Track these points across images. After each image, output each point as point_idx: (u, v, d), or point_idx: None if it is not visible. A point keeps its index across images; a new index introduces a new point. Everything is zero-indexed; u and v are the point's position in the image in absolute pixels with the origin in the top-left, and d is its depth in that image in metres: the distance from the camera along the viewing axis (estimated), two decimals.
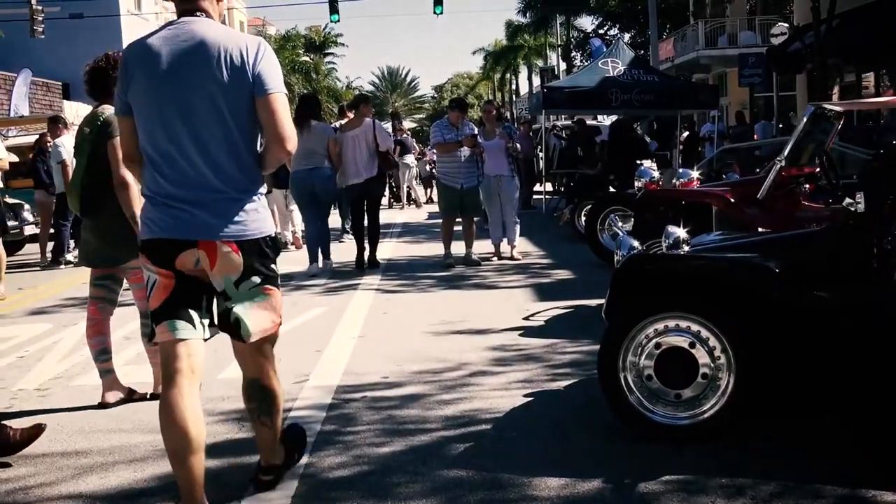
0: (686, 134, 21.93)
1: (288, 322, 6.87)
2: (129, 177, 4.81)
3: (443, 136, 10.87)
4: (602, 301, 8.07)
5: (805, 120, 7.03)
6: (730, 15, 34.83)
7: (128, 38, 38.92)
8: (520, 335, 6.86)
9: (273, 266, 3.53)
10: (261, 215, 3.48)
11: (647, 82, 18.16)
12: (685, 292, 4.30)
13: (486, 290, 9.19)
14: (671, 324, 4.24)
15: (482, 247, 11.47)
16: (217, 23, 3.50)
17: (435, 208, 11.62)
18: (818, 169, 6.98)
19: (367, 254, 10.97)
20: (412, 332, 7.11)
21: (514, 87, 72.80)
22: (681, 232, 4.93)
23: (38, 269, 12.45)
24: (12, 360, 6.58)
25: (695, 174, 8.46)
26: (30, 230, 13.95)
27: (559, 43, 52.49)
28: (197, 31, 3.39)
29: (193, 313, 3.40)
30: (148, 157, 3.43)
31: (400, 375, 5.73)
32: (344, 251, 11.98)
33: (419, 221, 17.98)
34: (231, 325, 3.46)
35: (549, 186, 20.73)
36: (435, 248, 11.94)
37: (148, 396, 5.39)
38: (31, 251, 13.82)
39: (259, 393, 3.66)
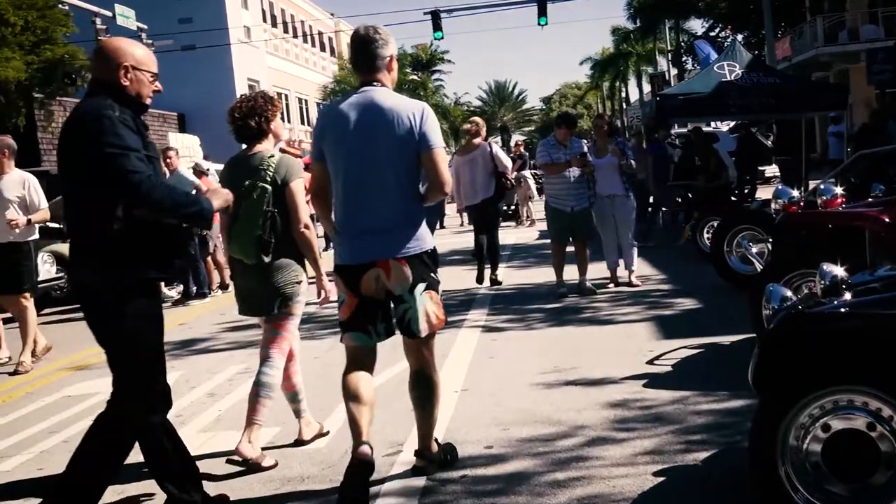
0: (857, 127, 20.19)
1: (387, 370, 6.36)
2: (308, 221, 5.04)
3: (550, 155, 10.06)
4: (735, 337, 7.26)
5: None
6: (849, 9, 32.96)
7: (239, 66, 39.49)
8: (644, 385, 6.01)
9: (433, 274, 4.37)
10: (421, 235, 4.30)
11: (769, 84, 16.96)
12: (859, 359, 3.39)
13: (602, 326, 8.33)
14: (842, 399, 3.36)
15: (597, 271, 10.61)
16: (391, 91, 4.39)
17: (545, 226, 11.00)
18: None
19: (487, 273, 11.25)
20: (520, 383, 6.34)
21: (623, 94, 71.34)
22: (839, 270, 3.99)
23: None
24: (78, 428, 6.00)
25: (839, 190, 7.40)
26: None
27: (669, 48, 51.05)
28: (375, 99, 4.28)
29: (370, 327, 4.30)
30: (338, 198, 4.31)
31: (506, 445, 4.96)
32: (449, 278, 11.30)
33: (529, 242, 17.20)
34: (405, 325, 4.32)
35: None
36: (546, 274, 11.19)
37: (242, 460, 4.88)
38: None
39: (422, 382, 4.46)
